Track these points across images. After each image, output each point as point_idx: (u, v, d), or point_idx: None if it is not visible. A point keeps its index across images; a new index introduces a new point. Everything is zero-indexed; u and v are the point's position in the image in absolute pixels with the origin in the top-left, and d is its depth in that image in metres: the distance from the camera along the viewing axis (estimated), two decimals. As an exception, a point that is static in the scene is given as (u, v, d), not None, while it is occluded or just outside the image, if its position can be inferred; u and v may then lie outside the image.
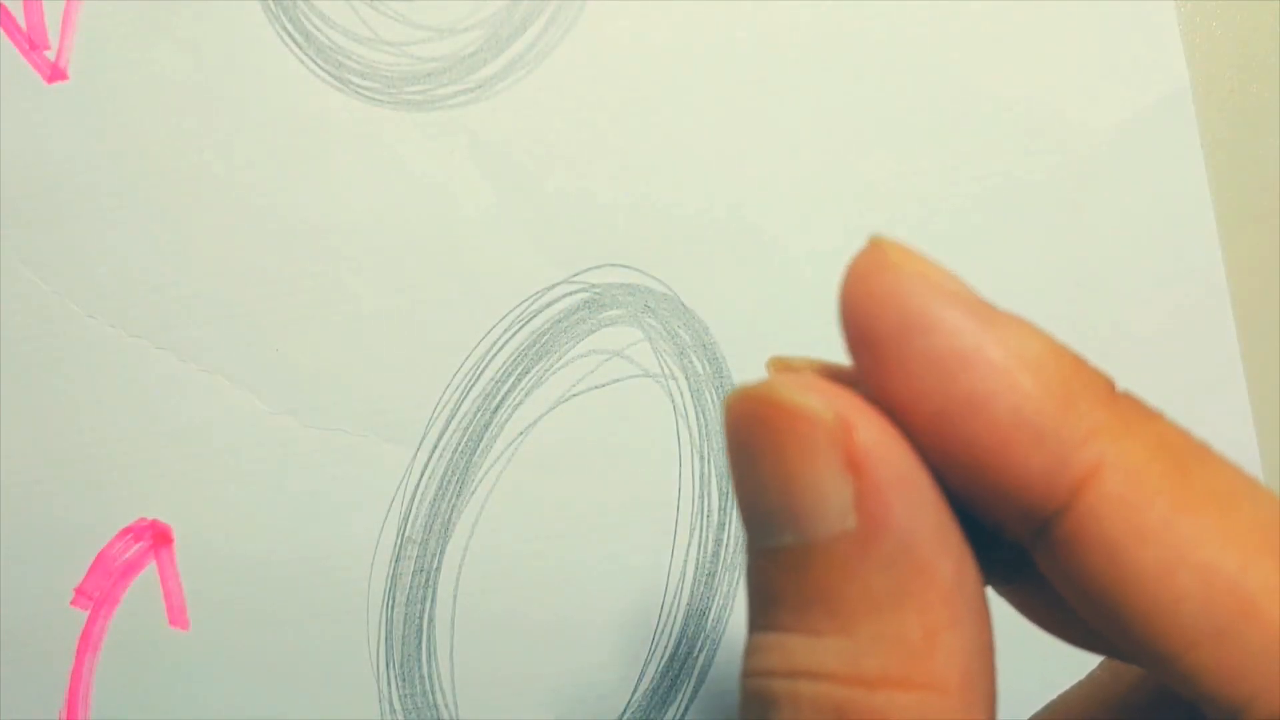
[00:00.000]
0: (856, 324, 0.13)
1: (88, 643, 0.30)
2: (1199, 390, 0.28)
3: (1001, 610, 0.16)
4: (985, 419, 0.13)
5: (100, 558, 0.30)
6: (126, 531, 0.30)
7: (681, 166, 0.30)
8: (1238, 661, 0.12)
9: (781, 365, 0.15)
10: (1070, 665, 0.17)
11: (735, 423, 0.13)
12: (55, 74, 0.31)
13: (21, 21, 0.31)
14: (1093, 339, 0.29)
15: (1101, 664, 0.17)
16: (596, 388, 0.29)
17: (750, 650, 0.14)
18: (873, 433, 0.13)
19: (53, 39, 0.31)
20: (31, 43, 0.31)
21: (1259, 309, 0.29)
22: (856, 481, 0.13)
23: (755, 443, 0.13)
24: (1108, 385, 0.13)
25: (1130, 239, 0.29)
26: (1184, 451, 0.13)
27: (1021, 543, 0.14)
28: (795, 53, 0.30)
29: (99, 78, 0.30)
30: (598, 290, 0.30)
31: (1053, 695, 0.18)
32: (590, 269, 0.30)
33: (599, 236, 0.30)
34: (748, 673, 0.14)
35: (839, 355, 0.30)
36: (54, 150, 0.30)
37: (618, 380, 0.29)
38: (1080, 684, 0.17)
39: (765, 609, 0.13)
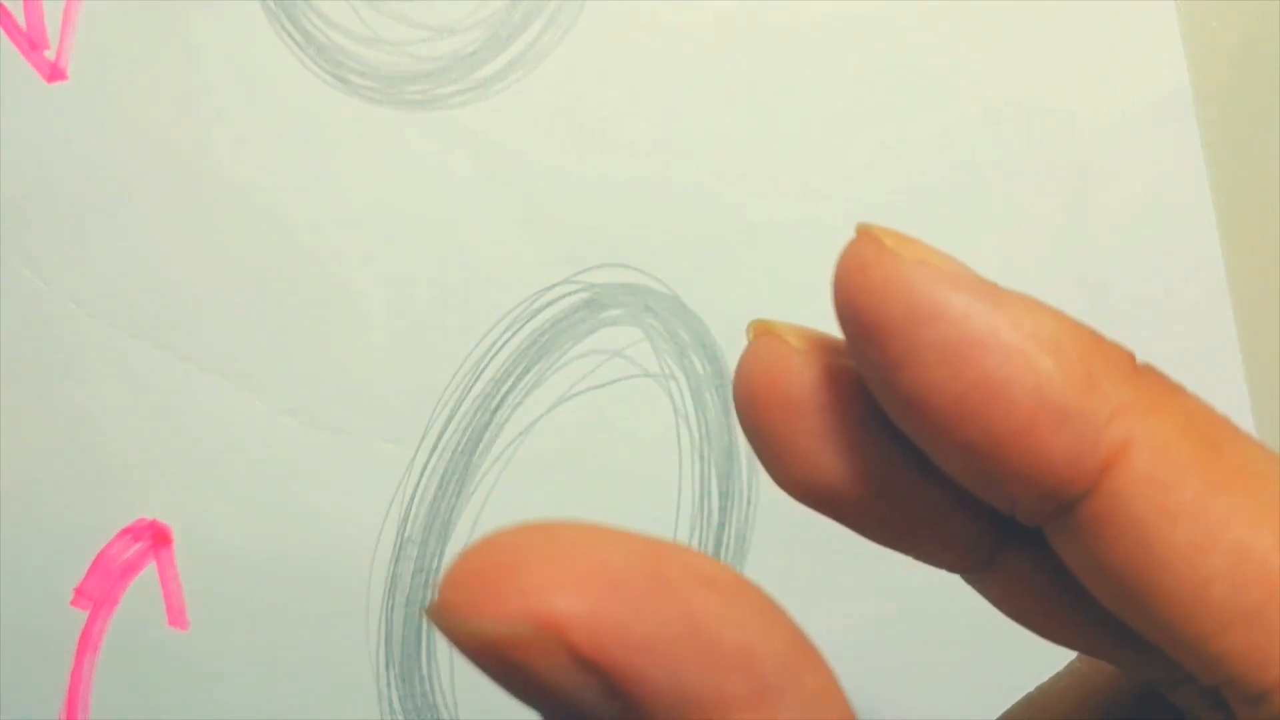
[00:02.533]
0: (857, 318, 0.13)
1: (88, 643, 0.30)
2: (1199, 390, 0.28)
3: (978, 602, 0.15)
4: (1005, 404, 0.12)
5: (100, 558, 0.30)
6: (126, 531, 0.30)
7: (681, 166, 0.30)
8: (1268, 644, 0.12)
9: (763, 329, 0.14)
10: (1048, 658, 0.17)
11: (473, 661, 0.11)
12: (55, 74, 0.31)
13: (21, 21, 0.31)
14: (1093, 339, 0.29)
15: (1078, 657, 0.17)
16: (596, 388, 0.29)
17: None
18: (582, 614, 0.10)
19: (53, 39, 0.31)
20: (31, 43, 0.31)
21: (1259, 309, 0.29)
22: (597, 675, 0.11)
23: (501, 679, 0.11)
24: (1129, 360, 0.13)
25: (1130, 238, 0.29)
26: (1212, 428, 0.12)
27: (1037, 525, 0.13)
28: (795, 52, 0.30)
29: (99, 78, 0.30)
30: (598, 290, 0.30)
31: (1026, 689, 0.17)
32: (590, 269, 0.30)
33: (599, 236, 0.30)
34: None
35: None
36: (54, 150, 0.30)
37: (618, 380, 0.29)
38: (1056, 677, 0.17)
39: None
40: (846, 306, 0.13)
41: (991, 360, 0.12)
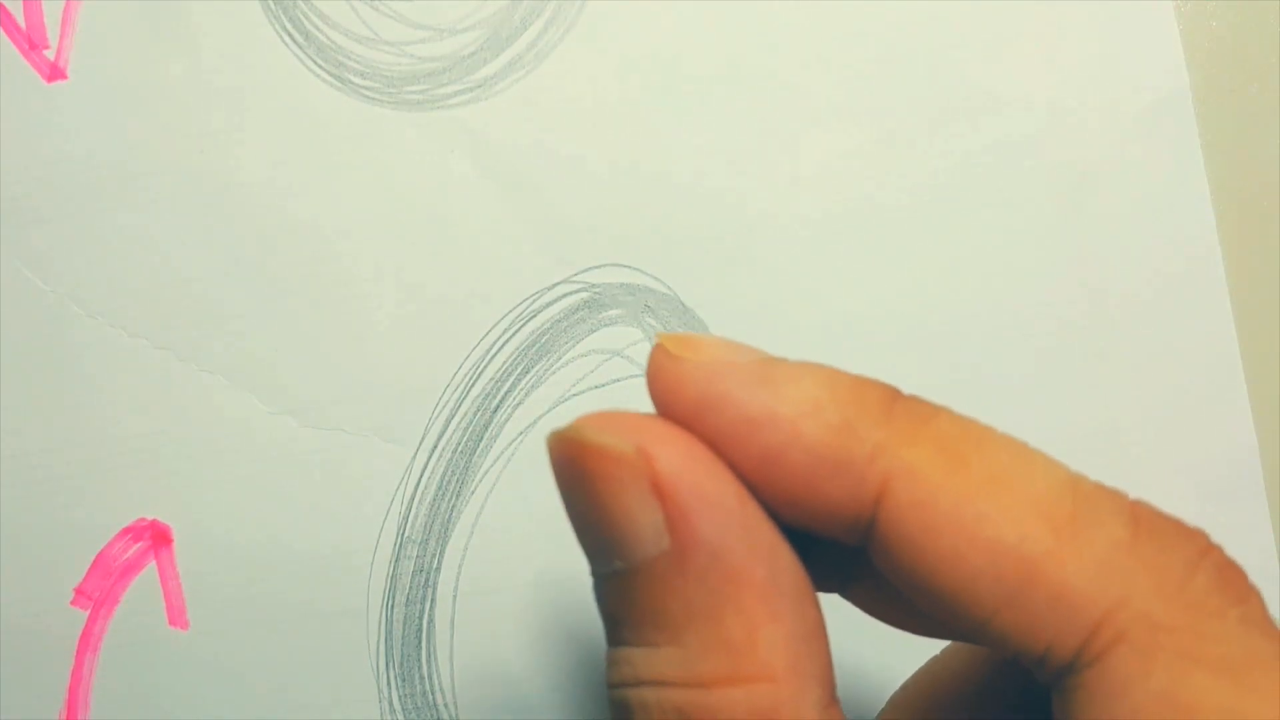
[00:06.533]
0: (668, 414, 0.15)
1: (88, 643, 0.30)
2: (1199, 391, 0.28)
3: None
4: (787, 465, 0.15)
5: (100, 558, 0.30)
6: (126, 531, 0.30)
7: (681, 166, 0.30)
8: (1031, 619, 0.14)
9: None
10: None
11: (555, 465, 0.15)
12: (55, 74, 0.31)
13: (21, 21, 0.31)
14: (1093, 338, 0.29)
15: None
16: (596, 388, 0.29)
17: (607, 665, 0.15)
18: (673, 459, 0.14)
19: (52, 39, 0.31)
20: (31, 42, 0.31)
21: (1259, 309, 0.29)
22: (663, 506, 0.14)
23: (573, 481, 0.15)
24: (886, 400, 0.15)
25: (1130, 239, 0.29)
26: (962, 444, 0.14)
27: (862, 549, 0.15)
28: (795, 53, 0.30)
29: (99, 78, 0.30)
30: (598, 290, 0.30)
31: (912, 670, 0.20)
32: (590, 269, 0.30)
33: (599, 236, 0.30)
34: (609, 684, 0.15)
35: (840, 353, 0.30)
36: (53, 150, 0.30)
37: (618, 380, 0.29)
38: (935, 658, 0.19)
39: (611, 627, 0.15)
40: (658, 407, 0.15)
41: (768, 434, 0.15)
